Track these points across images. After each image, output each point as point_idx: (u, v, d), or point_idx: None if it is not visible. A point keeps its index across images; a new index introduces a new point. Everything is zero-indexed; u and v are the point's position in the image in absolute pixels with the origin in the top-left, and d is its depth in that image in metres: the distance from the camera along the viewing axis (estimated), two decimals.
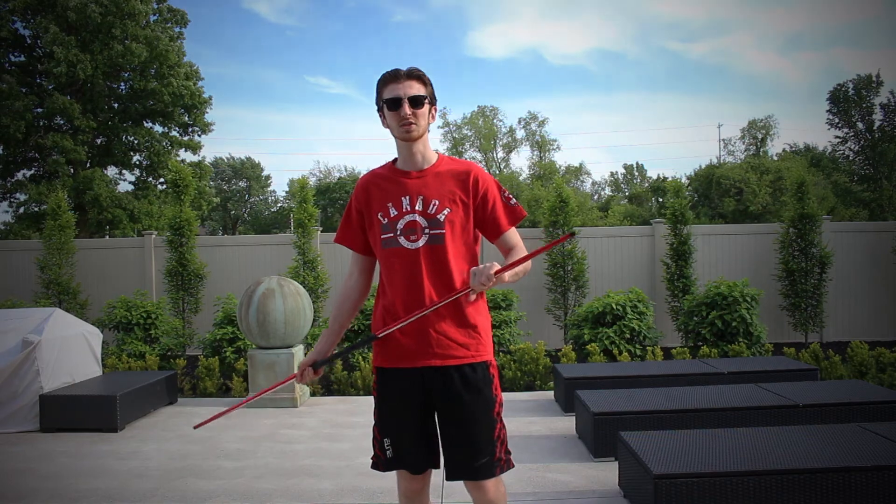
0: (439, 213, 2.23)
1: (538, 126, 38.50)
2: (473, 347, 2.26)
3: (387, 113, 2.25)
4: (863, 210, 25.30)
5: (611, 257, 9.52)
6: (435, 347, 2.22)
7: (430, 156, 2.31)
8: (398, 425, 2.30)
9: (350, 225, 2.40)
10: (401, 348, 2.26)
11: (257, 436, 5.05)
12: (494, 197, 2.29)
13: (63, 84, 18.46)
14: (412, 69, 2.26)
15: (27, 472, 4.28)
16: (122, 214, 19.65)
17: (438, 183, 2.26)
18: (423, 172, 2.29)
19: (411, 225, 2.23)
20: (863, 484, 3.05)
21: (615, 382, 5.42)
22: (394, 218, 2.25)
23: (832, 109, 26.75)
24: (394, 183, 2.30)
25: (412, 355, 2.24)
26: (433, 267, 2.22)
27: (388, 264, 2.28)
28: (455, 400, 2.22)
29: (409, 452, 2.28)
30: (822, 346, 7.76)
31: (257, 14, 69.59)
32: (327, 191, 32.88)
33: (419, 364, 2.24)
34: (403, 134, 2.24)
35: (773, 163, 28.79)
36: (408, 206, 2.25)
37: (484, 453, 2.22)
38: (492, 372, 2.29)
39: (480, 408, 2.23)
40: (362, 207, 2.35)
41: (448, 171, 2.29)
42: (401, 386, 2.28)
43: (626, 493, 3.55)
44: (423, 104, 2.24)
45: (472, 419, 2.22)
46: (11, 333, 5.32)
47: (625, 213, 31.81)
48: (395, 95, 2.21)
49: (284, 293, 6.02)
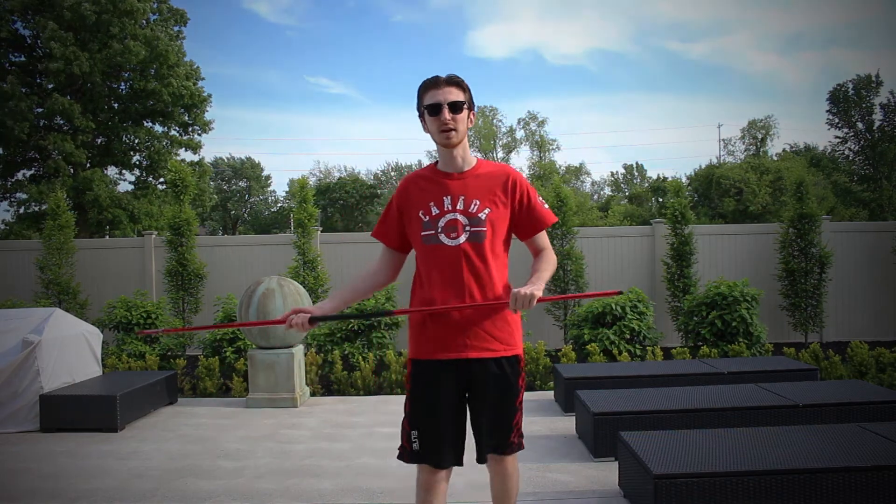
0: (480, 212, 2.35)
1: (538, 126, 38.49)
2: (506, 341, 2.40)
3: (427, 119, 2.36)
4: (863, 210, 25.29)
5: (610, 257, 9.52)
6: (473, 340, 2.35)
7: (469, 159, 2.44)
8: (427, 419, 2.38)
9: (388, 221, 2.51)
10: (439, 341, 2.37)
11: (257, 436, 5.05)
12: (531, 200, 2.43)
13: (62, 83, 18.46)
14: (451, 76, 2.36)
15: (27, 472, 4.28)
16: (122, 214, 19.65)
17: (479, 184, 2.39)
18: (464, 174, 2.41)
19: (452, 223, 2.35)
20: (863, 484, 3.05)
21: (615, 382, 5.41)
22: (435, 216, 2.37)
23: (832, 109, 26.72)
24: (435, 184, 2.42)
25: (450, 348, 2.36)
26: (472, 263, 2.34)
27: (427, 260, 2.39)
28: (488, 389, 2.38)
29: (434, 447, 2.37)
30: (822, 346, 7.76)
31: (257, 14, 69.65)
32: (327, 191, 32.86)
33: (456, 356, 2.36)
34: (444, 139, 2.35)
35: (773, 163, 28.78)
36: (449, 206, 2.36)
37: (506, 435, 2.42)
38: (521, 366, 2.46)
39: (508, 398, 2.41)
40: (403, 206, 2.46)
41: (488, 174, 2.42)
42: (436, 378, 2.38)
43: (626, 493, 3.55)
44: (462, 109, 2.34)
45: (500, 407, 2.40)
46: (11, 333, 5.31)
47: (625, 213, 31.79)
48: (435, 101, 2.31)
49: (284, 293, 6.01)
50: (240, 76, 71.99)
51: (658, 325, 8.61)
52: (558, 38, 68.14)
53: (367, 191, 33.59)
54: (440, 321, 2.36)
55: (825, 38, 64.70)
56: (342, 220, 32.27)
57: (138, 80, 19.48)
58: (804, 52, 66.68)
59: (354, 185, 33.58)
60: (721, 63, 69.25)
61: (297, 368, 6.10)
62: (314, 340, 7.78)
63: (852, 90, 26.31)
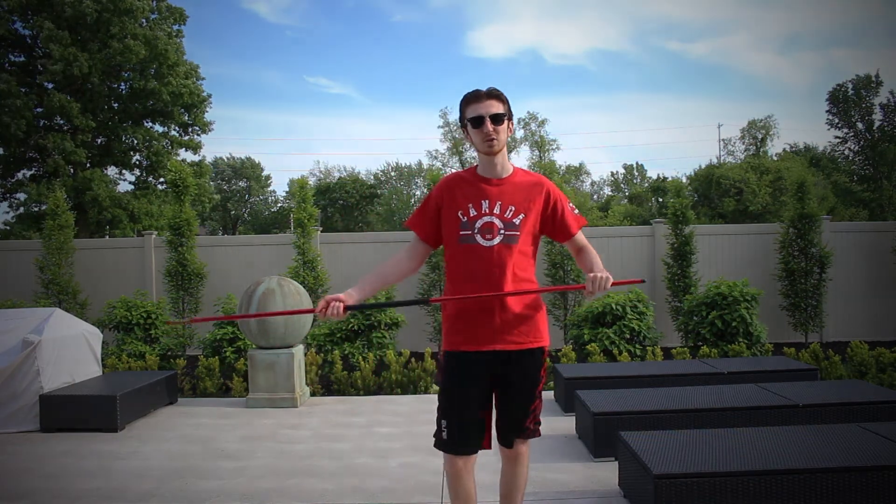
0: (515, 217, 2.53)
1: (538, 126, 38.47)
2: (533, 334, 2.57)
3: (471, 130, 2.53)
4: (863, 210, 25.28)
5: (611, 257, 9.52)
6: (505, 334, 2.51)
7: (507, 166, 2.60)
8: (456, 409, 2.54)
9: (425, 214, 2.65)
10: (470, 333, 2.52)
11: (257, 436, 5.04)
12: (563, 207, 2.63)
13: (61, 83, 18.46)
14: (492, 89, 2.52)
15: (27, 472, 4.28)
16: (122, 214, 19.65)
17: (516, 191, 2.56)
18: (503, 181, 2.58)
19: (488, 225, 2.51)
20: (863, 484, 3.04)
21: (615, 382, 5.41)
22: (473, 217, 2.52)
23: (832, 110, 26.70)
24: (475, 187, 2.57)
25: (483, 340, 2.51)
26: (504, 262, 2.50)
27: (462, 258, 2.54)
28: (516, 378, 2.57)
29: (462, 437, 2.54)
30: (822, 346, 7.76)
31: (257, 14, 69.62)
32: (327, 191, 32.85)
33: (489, 348, 2.51)
34: (486, 148, 2.51)
35: (773, 163, 28.77)
36: (487, 209, 2.53)
37: (522, 420, 2.63)
38: (545, 357, 2.64)
39: (531, 387, 2.61)
40: (443, 203, 2.60)
41: (524, 182, 2.59)
42: (466, 370, 2.53)
43: (626, 493, 3.55)
44: (503, 121, 2.51)
45: (523, 394, 2.60)
46: (11, 333, 5.31)
47: (625, 213, 31.79)
48: (478, 114, 2.48)
49: (284, 293, 6.01)
50: (239, 76, 72.03)
51: (658, 325, 8.61)
52: (558, 38, 68.19)
53: (367, 191, 33.59)
54: (473, 316, 2.51)
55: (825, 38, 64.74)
56: (342, 220, 32.27)
57: (138, 80, 19.48)
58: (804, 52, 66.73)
59: (354, 185, 33.58)
60: (721, 63, 69.29)
61: (297, 368, 6.10)
62: (314, 340, 7.79)
63: (852, 90, 26.29)
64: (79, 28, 18.36)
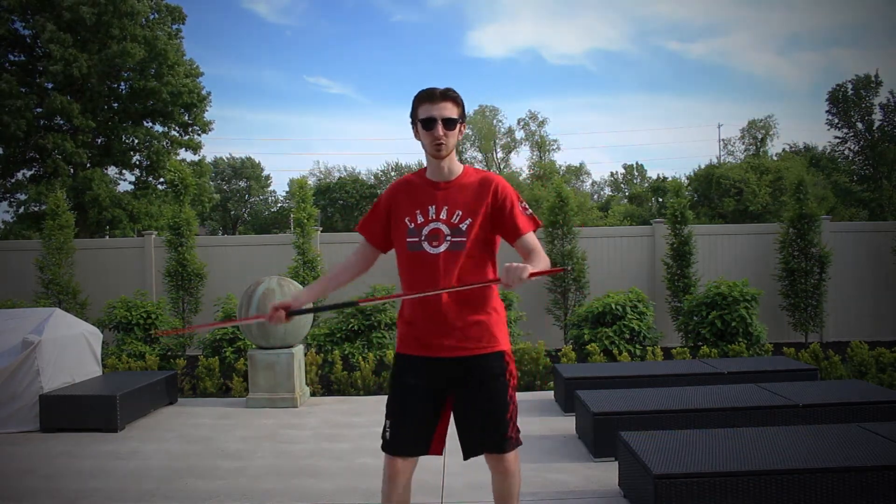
0: (462, 222, 2.44)
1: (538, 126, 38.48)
2: (487, 339, 2.47)
3: (421, 131, 2.46)
4: (863, 210, 25.28)
5: (611, 257, 9.52)
6: (455, 340, 2.44)
7: (455, 168, 2.52)
8: (400, 411, 2.48)
9: (374, 219, 2.62)
10: (422, 340, 2.47)
11: (257, 436, 5.05)
12: (513, 204, 2.49)
13: (61, 83, 18.46)
14: (447, 90, 2.44)
15: (27, 472, 4.28)
16: (122, 214, 19.65)
17: (463, 194, 2.48)
18: (450, 184, 2.50)
19: (435, 232, 2.44)
20: (863, 484, 3.05)
21: (615, 382, 5.41)
22: (420, 224, 2.46)
23: (832, 110, 26.70)
24: (423, 192, 2.52)
25: (434, 346, 2.45)
26: (451, 270, 2.42)
27: (409, 265, 2.49)
28: (472, 387, 2.46)
29: (403, 438, 2.47)
30: (821, 346, 7.75)
31: (256, 14, 69.56)
32: (327, 191, 32.86)
33: (439, 354, 2.45)
34: (435, 151, 2.45)
35: (773, 163, 28.77)
36: (433, 215, 2.46)
37: (500, 431, 2.46)
38: (507, 359, 2.51)
39: (496, 393, 2.46)
40: (391, 208, 2.57)
41: (472, 183, 2.50)
42: (415, 374, 2.48)
43: (626, 493, 3.55)
44: (455, 126, 2.44)
45: (489, 404, 2.46)
46: (11, 333, 5.31)
47: (625, 213, 31.80)
48: (430, 116, 2.41)
49: (284, 293, 6.01)
50: (239, 76, 71.97)
51: (658, 325, 8.61)
52: (558, 37, 68.13)
53: (367, 191, 33.58)
54: (423, 323, 2.46)
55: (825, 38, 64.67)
56: (342, 220, 32.26)
57: (138, 80, 19.48)
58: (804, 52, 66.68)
59: (354, 185, 33.58)
60: (721, 63, 69.24)
61: (297, 368, 6.10)
62: (314, 340, 7.79)
63: (852, 90, 26.28)
64: (78, 29, 18.37)
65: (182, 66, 20.27)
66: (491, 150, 38.61)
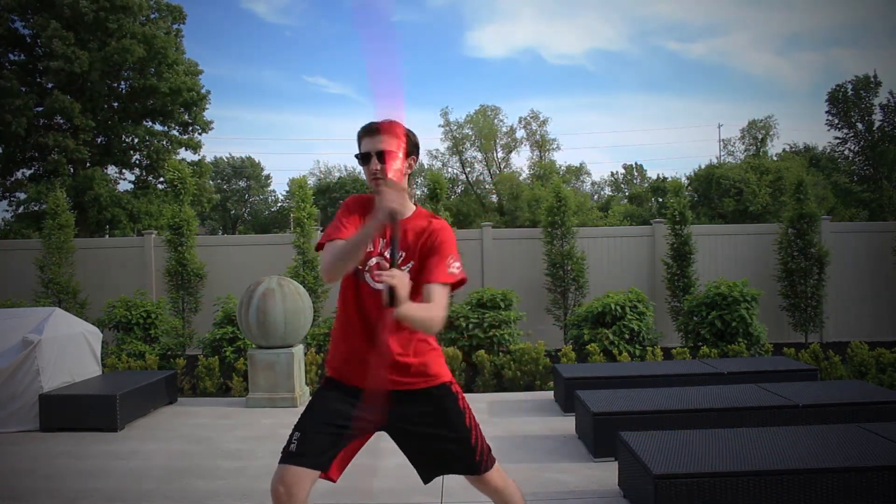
0: (404, 264, 2.28)
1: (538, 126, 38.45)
2: (423, 379, 2.35)
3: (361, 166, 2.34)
4: (863, 210, 25.28)
5: (611, 257, 9.52)
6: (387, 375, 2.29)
7: (406, 208, 2.29)
8: (315, 423, 2.35)
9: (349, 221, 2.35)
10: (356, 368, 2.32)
11: (257, 436, 5.04)
12: (442, 253, 2.27)
13: (62, 82, 18.46)
14: (386, 122, 2.26)
15: (27, 472, 4.28)
16: (122, 214, 19.63)
17: (409, 235, 2.30)
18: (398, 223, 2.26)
19: (378, 266, 2.29)
20: (863, 484, 3.05)
21: (615, 382, 5.41)
22: (368, 253, 2.30)
23: (831, 110, 26.70)
24: None
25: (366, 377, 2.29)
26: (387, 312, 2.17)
27: (351, 291, 2.34)
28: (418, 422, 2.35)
29: (309, 448, 2.32)
30: (821, 346, 7.76)
31: (255, 14, 69.50)
32: (327, 191, 32.89)
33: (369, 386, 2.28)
34: (374, 187, 2.28)
35: (773, 163, 28.77)
36: (382, 248, 2.32)
37: (470, 457, 2.37)
38: (454, 390, 2.40)
39: (452, 424, 2.35)
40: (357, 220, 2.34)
41: (419, 225, 2.33)
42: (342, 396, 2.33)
43: (626, 493, 3.55)
44: (395, 158, 2.23)
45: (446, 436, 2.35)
46: (11, 333, 5.31)
47: (625, 213, 31.78)
48: (366, 150, 2.28)
49: (284, 293, 6.01)
50: (239, 76, 71.89)
51: (658, 325, 8.62)
52: (557, 38, 68.03)
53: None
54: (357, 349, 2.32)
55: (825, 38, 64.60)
56: None
57: (137, 79, 19.48)
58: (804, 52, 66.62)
59: (354, 185, 33.59)
60: (721, 63, 69.16)
61: (297, 368, 6.10)
62: (314, 340, 7.78)
63: (851, 90, 26.27)
64: (78, 27, 18.37)
65: (182, 63, 20.26)
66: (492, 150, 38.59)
